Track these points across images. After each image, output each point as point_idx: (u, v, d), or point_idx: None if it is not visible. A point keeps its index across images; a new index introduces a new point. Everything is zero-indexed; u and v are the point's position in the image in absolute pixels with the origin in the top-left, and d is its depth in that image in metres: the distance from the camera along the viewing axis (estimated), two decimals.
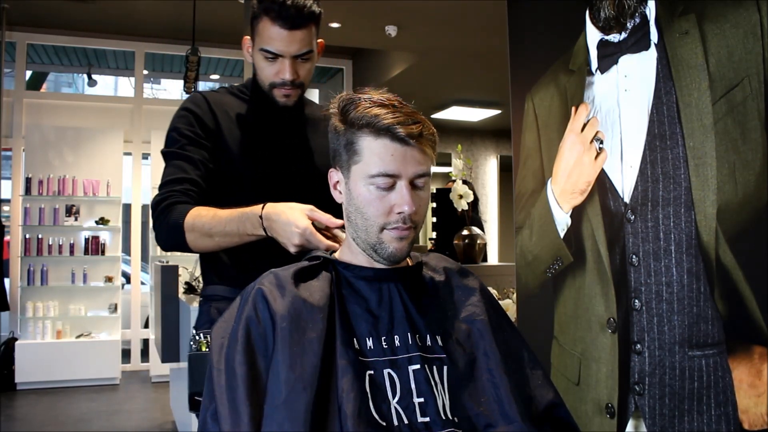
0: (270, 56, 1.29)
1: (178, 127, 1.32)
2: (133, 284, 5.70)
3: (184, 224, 1.21)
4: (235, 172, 1.33)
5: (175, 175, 1.27)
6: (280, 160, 1.37)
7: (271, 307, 0.90)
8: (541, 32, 1.81)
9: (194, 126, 1.32)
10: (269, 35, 1.27)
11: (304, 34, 1.28)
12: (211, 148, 1.32)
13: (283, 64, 1.30)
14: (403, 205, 0.91)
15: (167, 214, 1.23)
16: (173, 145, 1.31)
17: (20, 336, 5.13)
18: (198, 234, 1.21)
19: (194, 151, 1.30)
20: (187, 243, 1.23)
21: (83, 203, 5.39)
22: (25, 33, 5.48)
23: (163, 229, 1.25)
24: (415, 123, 0.91)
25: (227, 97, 1.40)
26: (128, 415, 4.29)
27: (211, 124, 1.33)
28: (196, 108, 1.34)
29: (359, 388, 0.86)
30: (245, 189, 1.32)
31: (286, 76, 1.30)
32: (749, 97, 1.18)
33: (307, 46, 1.30)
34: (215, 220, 1.20)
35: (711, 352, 1.26)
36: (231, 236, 1.20)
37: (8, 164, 5.49)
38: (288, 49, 1.28)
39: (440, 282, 1.02)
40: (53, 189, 5.26)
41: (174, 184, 1.26)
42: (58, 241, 5.25)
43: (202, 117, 1.33)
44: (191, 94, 1.40)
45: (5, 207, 5.81)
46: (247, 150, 1.35)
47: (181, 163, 1.28)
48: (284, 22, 1.25)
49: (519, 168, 1.88)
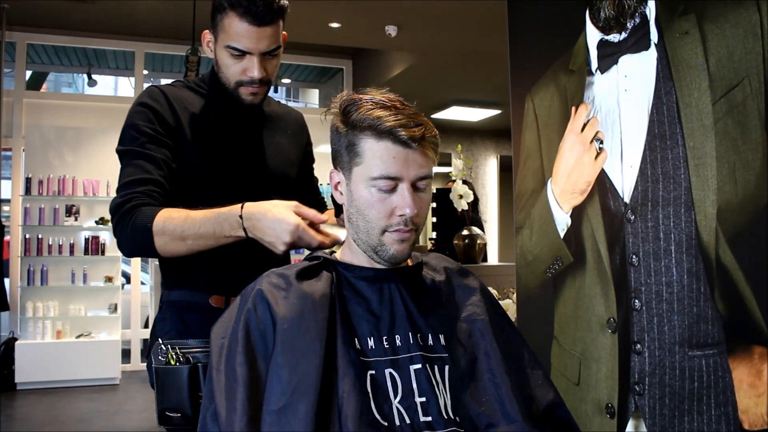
0: (237, 53, 1.22)
1: (137, 123, 1.22)
2: (133, 284, 5.70)
3: (152, 227, 1.12)
4: (195, 171, 1.26)
5: (136, 175, 1.18)
6: (239, 159, 1.31)
7: (271, 308, 0.90)
8: (541, 32, 1.81)
9: (154, 122, 1.23)
10: (236, 31, 1.19)
11: (273, 30, 1.21)
12: (172, 145, 1.24)
13: (251, 62, 1.23)
14: (404, 208, 0.91)
15: (131, 218, 1.15)
16: (132, 142, 1.22)
17: (20, 336, 5.13)
18: (169, 237, 1.13)
19: (155, 150, 1.21)
20: (155, 248, 1.14)
21: (83, 203, 5.39)
22: (25, 33, 5.48)
23: (127, 234, 1.16)
24: (417, 125, 0.91)
25: (185, 92, 1.32)
26: (128, 415, 4.29)
27: (171, 120, 1.25)
28: (154, 103, 1.25)
29: (361, 389, 0.86)
30: (204, 188, 1.26)
31: (255, 74, 1.23)
32: (749, 97, 1.18)
33: (276, 42, 1.23)
34: (188, 222, 1.12)
35: (711, 352, 1.26)
36: (206, 239, 1.13)
37: (8, 164, 5.50)
38: (257, 46, 1.21)
39: (441, 282, 1.02)
40: (53, 189, 5.26)
41: (136, 185, 1.17)
42: (58, 241, 5.25)
43: (161, 113, 1.24)
44: (147, 88, 1.30)
45: (5, 207, 5.81)
46: (206, 148, 1.27)
47: (142, 162, 1.19)
48: (253, 18, 1.18)
49: (519, 168, 1.88)
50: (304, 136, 1.49)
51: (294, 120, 1.47)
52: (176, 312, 1.27)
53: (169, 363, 1.16)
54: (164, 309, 1.30)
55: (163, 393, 1.15)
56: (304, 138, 1.49)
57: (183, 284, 1.28)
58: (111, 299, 5.43)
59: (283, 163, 1.38)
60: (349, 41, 5.30)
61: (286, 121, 1.44)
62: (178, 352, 1.17)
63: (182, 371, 1.14)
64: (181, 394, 1.14)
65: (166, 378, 1.15)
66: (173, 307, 1.28)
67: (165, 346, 1.18)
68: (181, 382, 1.14)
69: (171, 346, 1.18)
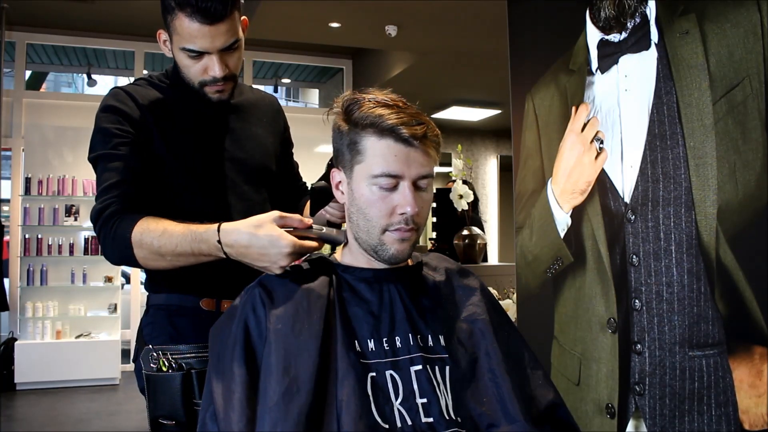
0: (194, 54, 1.14)
1: (105, 127, 1.18)
2: (132, 284, 5.70)
3: (131, 238, 1.08)
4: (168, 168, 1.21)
5: (111, 179, 1.14)
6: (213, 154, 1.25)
7: (267, 308, 0.90)
8: (541, 32, 1.81)
9: (122, 123, 1.18)
10: (189, 33, 1.11)
11: (229, 25, 1.12)
12: (141, 143, 1.19)
13: (210, 61, 1.15)
14: (405, 206, 0.91)
15: (111, 226, 1.11)
16: (104, 146, 1.17)
17: (20, 336, 5.12)
18: (147, 251, 1.08)
19: (126, 151, 1.16)
20: (136, 259, 1.10)
21: (83, 203, 5.38)
22: (24, 33, 5.47)
23: (108, 243, 1.12)
24: (419, 124, 0.91)
25: (149, 90, 1.25)
26: (128, 415, 4.29)
27: (138, 119, 1.19)
28: (120, 105, 1.20)
29: (361, 391, 0.86)
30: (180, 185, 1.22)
31: (216, 72, 1.15)
32: (749, 96, 1.18)
33: (234, 36, 1.14)
34: (164, 238, 1.07)
35: (711, 352, 1.26)
36: (185, 256, 1.07)
37: (8, 164, 5.49)
38: (213, 44, 1.12)
39: (441, 282, 1.02)
40: (53, 189, 5.26)
41: (113, 189, 1.13)
42: (58, 241, 5.25)
43: (128, 112, 1.19)
44: (110, 90, 1.25)
45: (5, 207, 5.81)
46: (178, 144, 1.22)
47: (115, 164, 1.15)
48: (204, 16, 1.09)
49: (519, 168, 1.88)
50: (280, 122, 1.42)
51: (268, 106, 1.40)
52: (165, 316, 1.22)
53: (160, 369, 1.13)
54: (152, 312, 1.25)
55: (156, 400, 1.12)
56: (280, 124, 1.42)
57: (171, 287, 1.23)
58: (111, 299, 5.43)
59: (261, 154, 1.32)
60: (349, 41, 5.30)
61: (261, 108, 1.38)
62: (170, 358, 1.14)
63: (175, 378, 1.11)
64: (174, 402, 1.11)
65: (158, 385, 1.12)
66: (161, 311, 1.23)
67: (156, 352, 1.15)
68: (173, 390, 1.11)
69: (162, 352, 1.15)
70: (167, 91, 1.26)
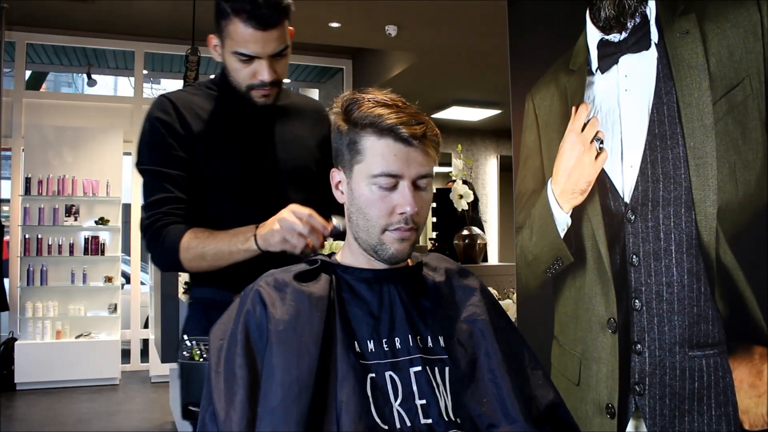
0: (245, 58, 1.22)
1: (151, 140, 1.27)
2: (132, 284, 5.70)
3: (179, 248, 1.20)
4: (210, 175, 1.28)
5: (157, 195, 1.24)
6: (252, 156, 1.31)
7: (268, 309, 0.90)
8: (541, 32, 1.81)
9: (166, 136, 1.26)
10: (242, 37, 1.19)
11: (280, 32, 1.20)
12: (185, 157, 1.27)
13: (260, 65, 1.22)
14: (405, 206, 0.91)
15: (161, 239, 1.22)
16: (149, 161, 1.26)
17: (20, 336, 5.12)
18: (192, 256, 1.20)
19: (171, 165, 1.25)
20: (183, 266, 1.22)
21: (83, 203, 5.38)
22: (24, 33, 5.47)
23: (156, 253, 1.24)
24: (418, 123, 0.91)
25: (196, 97, 1.32)
26: (128, 416, 4.29)
27: (181, 130, 1.27)
28: (165, 116, 1.27)
29: (361, 392, 0.86)
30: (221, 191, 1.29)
31: (265, 77, 1.23)
32: (750, 96, 1.18)
33: (283, 43, 1.23)
34: (208, 241, 1.19)
35: (711, 352, 1.26)
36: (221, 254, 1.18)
37: (8, 164, 5.49)
38: (264, 50, 1.21)
39: (440, 282, 1.02)
40: (53, 189, 5.26)
41: (159, 206, 1.23)
42: (58, 241, 5.25)
43: (172, 124, 1.26)
44: (157, 99, 1.31)
45: (5, 207, 5.81)
46: (218, 152, 1.29)
47: (161, 181, 1.24)
48: (258, 22, 1.17)
49: (519, 168, 1.88)
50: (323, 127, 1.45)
51: (313, 110, 1.45)
52: (202, 309, 1.31)
53: (193, 358, 1.20)
54: (192, 306, 1.35)
55: (187, 388, 1.19)
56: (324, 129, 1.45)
57: (209, 282, 1.30)
58: (111, 299, 5.43)
59: (303, 155, 1.37)
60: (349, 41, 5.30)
61: (305, 112, 1.43)
62: (202, 348, 1.20)
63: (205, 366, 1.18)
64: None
65: (190, 373, 1.19)
66: (199, 305, 1.32)
67: (190, 342, 1.23)
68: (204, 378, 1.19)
69: (196, 342, 1.23)
70: (213, 97, 1.33)
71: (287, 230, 1.09)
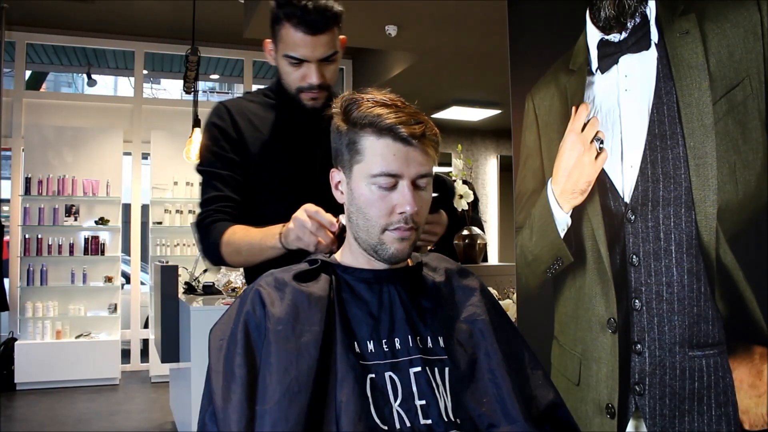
0: (295, 62, 1.30)
1: (208, 144, 1.38)
2: (132, 284, 5.70)
3: (221, 244, 1.30)
4: (258, 179, 1.37)
5: (209, 194, 1.35)
6: (300, 160, 1.38)
7: (267, 309, 0.90)
8: (541, 32, 1.81)
9: (219, 140, 1.36)
10: (293, 41, 1.27)
11: (329, 38, 1.29)
12: (238, 159, 1.37)
13: (309, 69, 1.30)
14: (405, 205, 0.91)
15: (208, 235, 1.32)
16: (205, 163, 1.38)
17: (20, 336, 5.12)
18: (231, 251, 1.29)
19: (223, 167, 1.35)
20: (226, 261, 1.32)
21: (83, 203, 5.38)
22: (24, 33, 5.47)
23: (204, 248, 1.35)
24: (417, 123, 0.91)
25: (251, 104, 1.42)
26: (128, 416, 4.29)
27: (234, 135, 1.37)
28: (219, 121, 1.38)
29: (360, 392, 0.86)
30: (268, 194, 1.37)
31: (313, 80, 1.30)
32: (750, 96, 1.18)
33: (332, 48, 1.30)
34: (245, 238, 1.27)
35: (711, 352, 1.26)
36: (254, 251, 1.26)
37: (8, 164, 5.49)
38: (313, 54, 1.28)
39: (440, 282, 1.02)
40: (53, 189, 5.26)
41: (210, 204, 1.35)
42: (58, 241, 5.25)
43: (226, 129, 1.37)
44: (215, 106, 1.43)
45: (5, 207, 5.81)
46: (269, 155, 1.38)
47: (213, 181, 1.35)
48: (307, 27, 1.25)
49: (519, 168, 1.88)
50: None
51: None
52: None
53: None
54: None
55: None
56: None
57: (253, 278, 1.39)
58: (111, 299, 5.43)
59: None
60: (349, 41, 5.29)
61: None
62: None
63: None
64: None
65: None
66: None
67: None
68: None
69: None
70: (268, 103, 1.43)
71: (299, 228, 1.12)
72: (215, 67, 6.76)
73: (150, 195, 5.62)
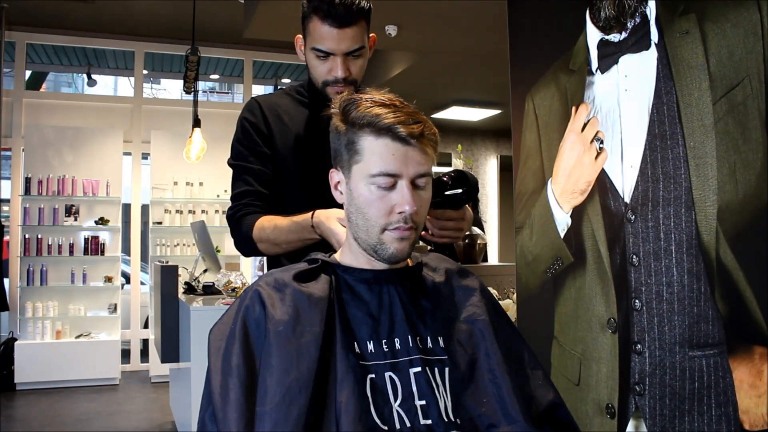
0: (321, 55, 1.32)
1: (239, 138, 1.43)
2: (132, 284, 5.70)
3: (252, 236, 1.35)
4: (287, 173, 1.41)
5: (240, 188, 1.40)
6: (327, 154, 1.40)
7: (267, 309, 0.90)
8: (541, 32, 1.81)
9: (251, 134, 1.41)
10: (320, 34, 1.30)
11: (355, 32, 1.30)
12: (268, 153, 1.41)
13: (334, 62, 1.32)
14: (404, 205, 0.91)
15: (239, 227, 1.38)
16: (237, 157, 1.42)
17: (20, 336, 5.12)
18: (267, 244, 1.34)
19: (254, 162, 1.40)
20: (260, 251, 1.37)
21: (83, 203, 5.38)
22: (24, 33, 5.47)
23: (236, 241, 1.40)
24: (416, 123, 0.91)
25: (283, 99, 1.46)
26: (128, 416, 4.29)
27: (264, 129, 1.41)
28: (250, 116, 1.42)
29: (360, 393, 0.86)
30: (296, 188, 1.41)
31: (338, 73, 1.32)
32: (750, 96, 1.18)
33: (358, 43, 1.32)
34: (277, 231, 1.32)
35: (711, 352, 1.26)
36: (294, 242, 1.31)
37: (8, 164, 5.49)
38: (339, 47, 1.30)
39: (440, 282, 1.02)
40: (53, 189, 5.26)
41: (240, 198, 1.40)
42: (58, 241, 5.25)
43: (257, 124, 1.41)
44: (248, 102, 1.46)
45: (5, 207, 5.81)
46: (297, 150, 1.41)
47: (244, 176, 1.40)
48: (333, 20, 1.27)
49: (519, 168, 1.88)
50: None
51: None
52: None
53: None
54: None
55: None
56: None
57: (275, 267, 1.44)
58: (111, 299, 5.43)
59: None
60: None
61: None
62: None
63: None
64: None
65: None
66: None
67: None
68: None
69: None
70: (298, 99, 1.47)
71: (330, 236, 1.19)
72: (215, 67, 6.76)
73: (150, 195, 5.62)
